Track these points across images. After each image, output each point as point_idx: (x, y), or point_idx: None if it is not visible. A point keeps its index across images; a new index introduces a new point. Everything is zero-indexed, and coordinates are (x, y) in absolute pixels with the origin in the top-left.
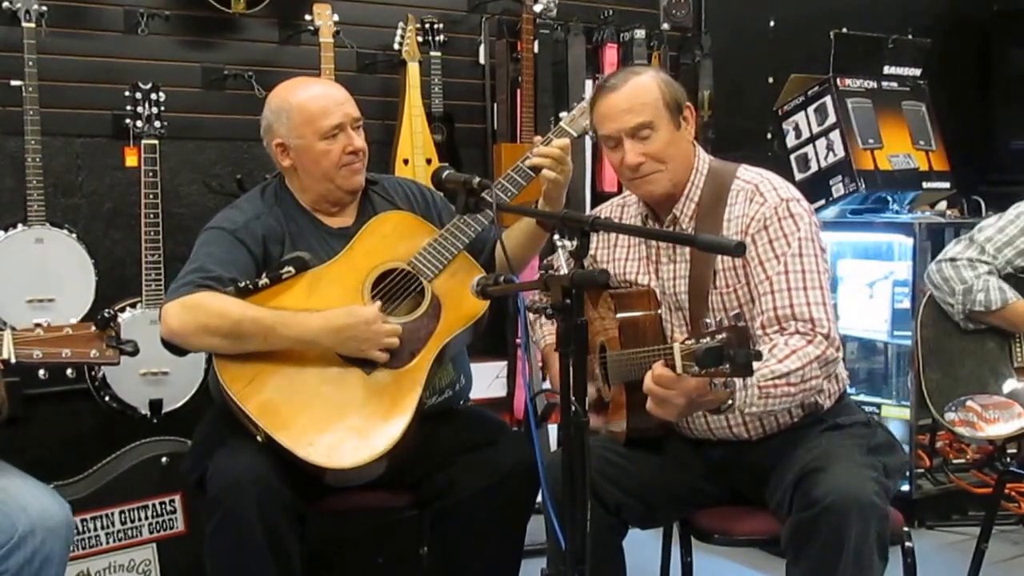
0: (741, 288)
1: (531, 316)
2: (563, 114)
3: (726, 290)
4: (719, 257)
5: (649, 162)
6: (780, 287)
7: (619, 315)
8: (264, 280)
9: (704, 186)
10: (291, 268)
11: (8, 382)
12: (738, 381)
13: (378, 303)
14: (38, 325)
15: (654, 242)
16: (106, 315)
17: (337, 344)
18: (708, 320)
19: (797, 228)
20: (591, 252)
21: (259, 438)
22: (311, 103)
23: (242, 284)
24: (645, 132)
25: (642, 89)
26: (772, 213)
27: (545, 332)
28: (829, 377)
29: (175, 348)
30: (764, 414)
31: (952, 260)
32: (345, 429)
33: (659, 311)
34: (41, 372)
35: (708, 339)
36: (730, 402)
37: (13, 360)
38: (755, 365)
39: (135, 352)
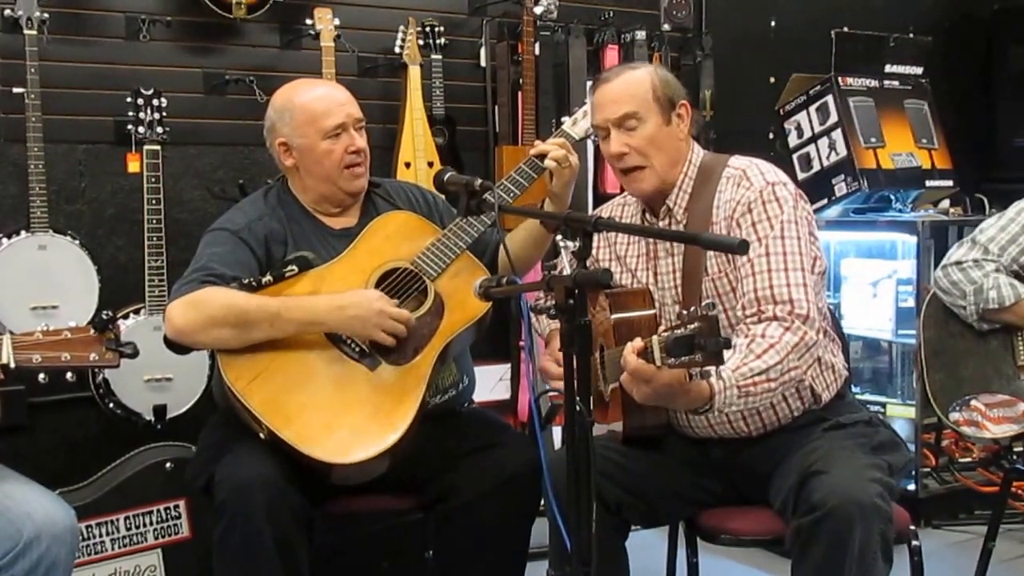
0: (732, 272)
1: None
2: (565, 118)
3: (717, 275)
4: None
5: (632, 154)
6: (760, 269)
7: (613, 316)
8: (268, 278)
9: (696, 177)
10: (295, 267)
11: (13, 390)
12: (716, 384)
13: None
14: (38, 330)
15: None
16: (104, 317)
17: (342, 323)
18: (683, 311)
19: (781, 211)
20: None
21: (262, 435)
22: (314, 103)
23: (246, 281)
24: (631, 123)
25: (633, 81)
26: (757, 196)
27: (549, 321)
28: (813, 364)
29: (177, 347)
30: (746, 410)
31: (958, 263)
32: (349, 425)
33: (654, 310)
34: (41, 376)
35: (681, 329)
36: (708, 405)
37: (12, 365)
38: (733, 363)
39: (135, 354)
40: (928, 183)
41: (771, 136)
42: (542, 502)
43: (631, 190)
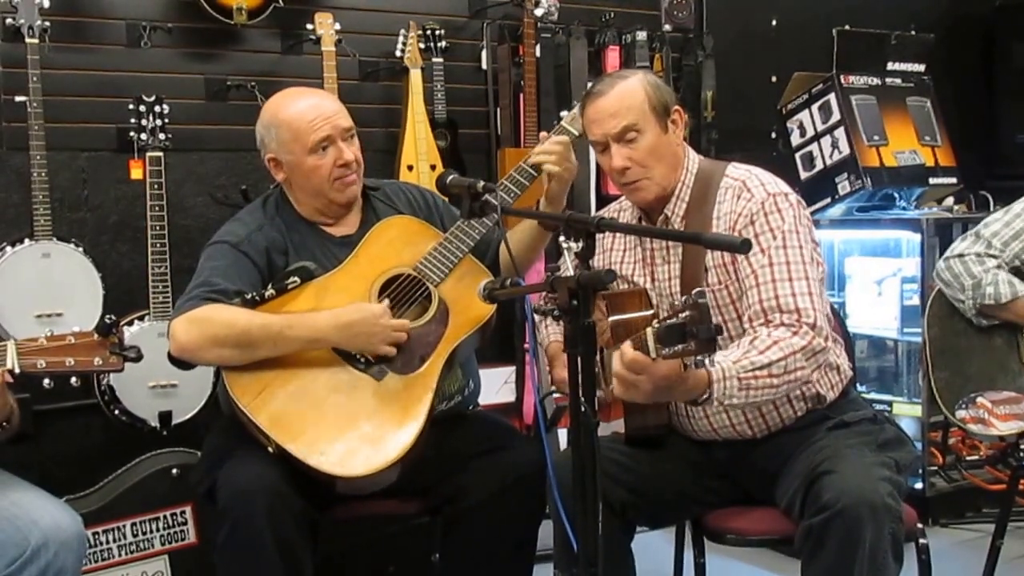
0: (732, 284)
1: (537, 318)
2: (564, 113)
3: (718, 287)
4: (709, 254)
5: (635, 167)
6: (765, 279)
7: (611, 317)
8: (270, 291)
9: (694, 185)
10: (296, 278)
11: (18, 399)
12: (715, 373)
13: (386, 302)
14: (42, 335)
15: (648, 244)
16: (107, 322)
17: (345, 340)
18: (674, 302)
19: (783, 221)
20: None
21: (270, 449)
22: (298, 119)
23: (248, 296)
24: (631, 135)
25: (627, 93)
26: (759, 208)
27: (549, 332)
28: (818, 368)
29: (182, 363)
30: (747, 407)
31: (960, 256)
32: (357, 437)
33: (651, 311)
34: (46, 381)
35: (672, 319)
36: (707, 394)
37: (17, 370)
38: (735, 356)
39: (138, 358)
40: (932, 180)
41: (773, 135)
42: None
43: (633, 200)
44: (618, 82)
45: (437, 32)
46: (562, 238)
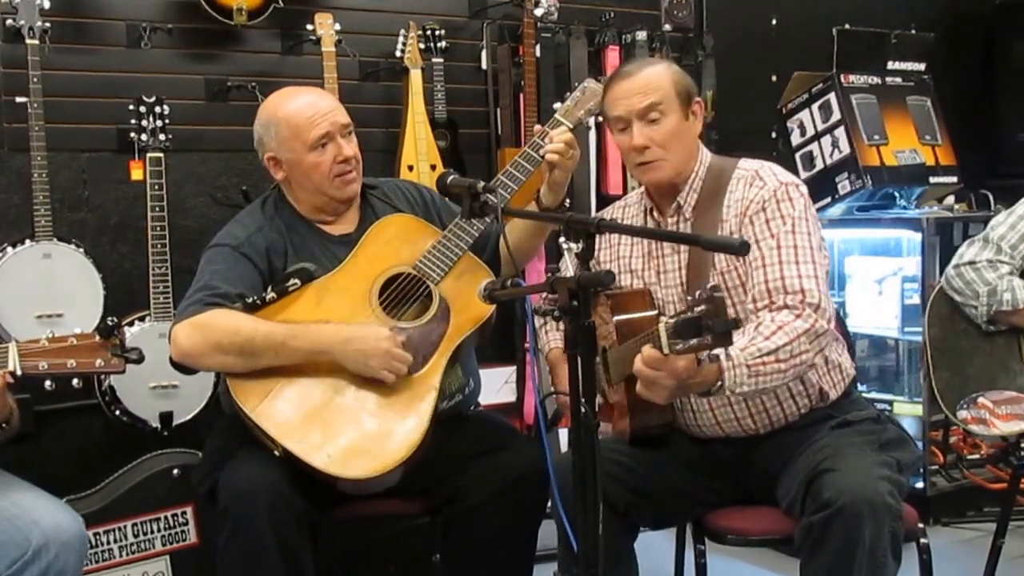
0: (740, 267)
1: (538, 321)
2: (557, 105)
3: (727, 269)
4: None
5: (654, 148)
6: (772, 261)
7: (616, 318)
8: (271, 294)
9: (706, 177)
10: (297, 280)
11: (19, 398)
12: (725, 362)
13: (398, 328)
14: (44, 337)
15: None
16: (109, 323)
17: (346, 357)
18: (688, 297)
19: (793, 208)
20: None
21: (277, 453)
22: (297, 116)
23: (249, 299)
24: (654, 115)
25: (655, 75)
26: (771, 195)
27: (550, 338)
28: (821, 352)
29: (185, 368)
30: (756, 394)
31: (971, 263)
32: (362, 438)
33: (655, 311)
34: (48, 383)
35: (688, 313)
36: (719, 383)
37: (19, 372)
38: (741, 343)
39: (140, 360)
40: (932, 179)
41: (773, 135)
42: (549, 504)
43: (646, 179)
44: (646, 66)
45: (437, 32)
46: (562, 239)
